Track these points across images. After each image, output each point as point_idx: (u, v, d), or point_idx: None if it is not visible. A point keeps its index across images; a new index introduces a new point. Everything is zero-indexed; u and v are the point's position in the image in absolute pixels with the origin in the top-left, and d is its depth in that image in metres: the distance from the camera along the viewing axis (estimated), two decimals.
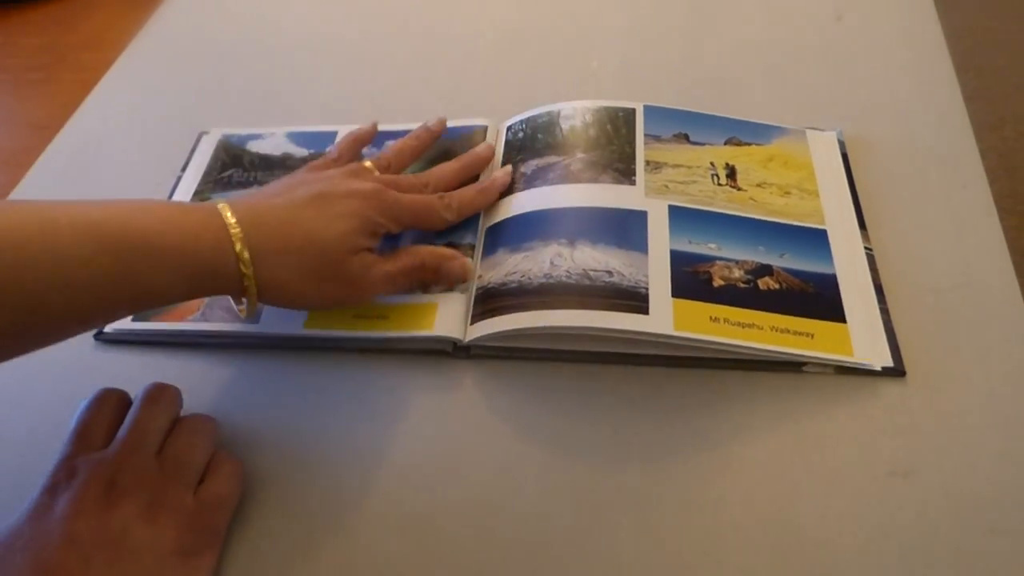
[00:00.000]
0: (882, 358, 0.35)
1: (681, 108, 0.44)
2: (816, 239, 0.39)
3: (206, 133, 0.49)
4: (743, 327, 0.34)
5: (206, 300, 0.40)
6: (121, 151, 0.51)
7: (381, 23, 0.57)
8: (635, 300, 0.35)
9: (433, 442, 0.35)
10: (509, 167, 0.43)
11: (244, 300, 0.34)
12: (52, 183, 0.50)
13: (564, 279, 0.36)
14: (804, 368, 0.35)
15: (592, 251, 0.37)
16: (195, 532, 0.30)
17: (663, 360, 0.36)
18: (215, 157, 0.48)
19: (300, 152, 0.47)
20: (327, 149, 0.46)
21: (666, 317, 0.34)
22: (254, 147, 0.48)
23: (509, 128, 0.45)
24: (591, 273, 0.36)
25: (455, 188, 0.41)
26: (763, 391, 0.35)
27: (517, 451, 0.34)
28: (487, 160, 0.44)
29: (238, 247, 0.31)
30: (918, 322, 0.36)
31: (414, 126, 0.44)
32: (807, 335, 0.35)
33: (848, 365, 0.34)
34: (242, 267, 0.31)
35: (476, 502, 0.33)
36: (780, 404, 0.34)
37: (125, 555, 0.28)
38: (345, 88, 0.52)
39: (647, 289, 0.35)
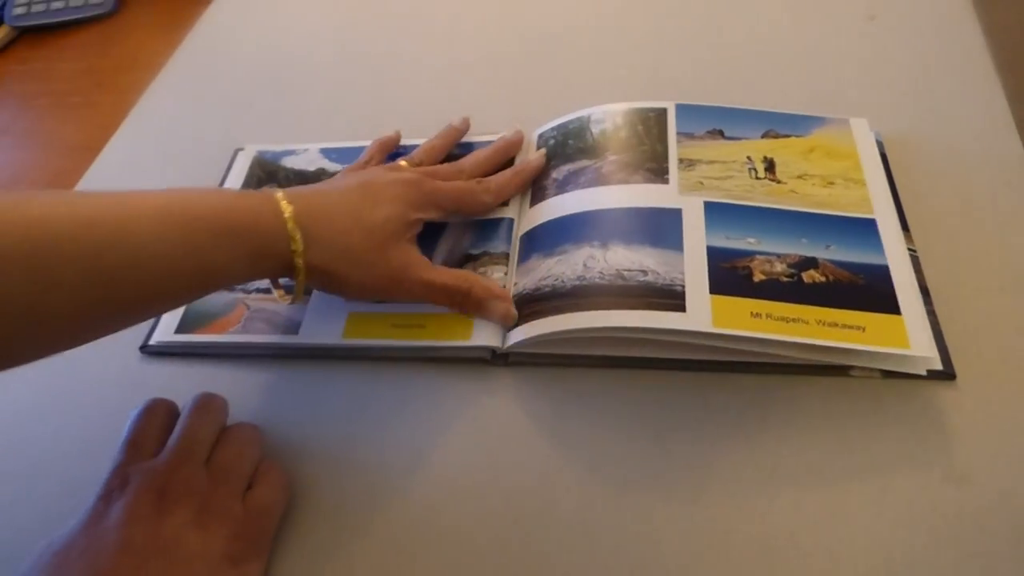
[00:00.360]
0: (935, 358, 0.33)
1: (714, 105, 0.43)
2: (865, 229, 0.37)
3: (241, 150, 0.50)
4: (787, 322, 0.33)
5: (246, 313, 0.41)
6: (160, 170, 0.53)
7: (407, 39, 0.58)
8: (671, 298, 0.34)
9: (473, 450, 0.35)
10: (543, 151, 0.44)
11: (288, 284, 0.35)
12: None
13: (597, 280, 0.36)
14: (851, 372, 0.34)
15: (625, 251, 0.37)
16: (244, 539, 0.31)
17: (705, 365, 0.35)
18: (251, 173, 0.49)
19: (334, 167, 0.48)
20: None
21: (704, 314, 0.34)
22: (288, 163, 0.49)
23: (540, 136, 0.46)
24: (625, 273, 0.36)
25: (490, 174, 0.42)
26: (808, 396, 0.34)
27: (557, 458, 0.34)
28: (518, 144, 0.45)
29: (290, 226, 0.33)
30: (966, 325, 0.35)
31: None
32: (858, 328, 0.33)
33: (899, 366, 0.33)
34: (293, 246, 0.33)
35: (516, 511, 0.33)
36: (827, 409, 0.33)
37: (177, 562, 0.29)
38: (375, 103, 0.53)
39: (683, 286, 0.35)
